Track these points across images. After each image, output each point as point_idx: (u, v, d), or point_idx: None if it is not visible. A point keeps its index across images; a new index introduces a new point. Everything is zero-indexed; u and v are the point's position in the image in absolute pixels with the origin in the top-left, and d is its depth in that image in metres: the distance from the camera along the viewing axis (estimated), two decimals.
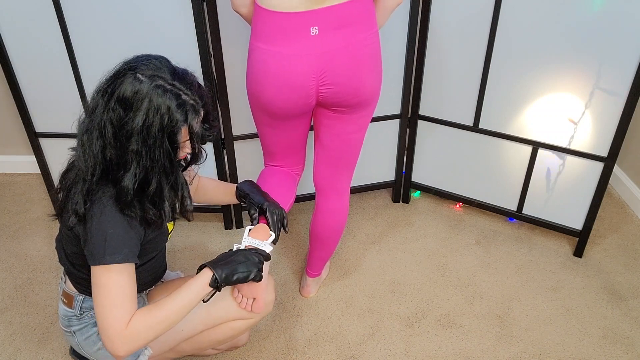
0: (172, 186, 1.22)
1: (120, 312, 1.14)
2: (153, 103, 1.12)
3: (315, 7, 1.29)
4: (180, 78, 1.18)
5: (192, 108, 1.17)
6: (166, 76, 1.16)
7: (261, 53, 1.35)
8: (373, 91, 1.45)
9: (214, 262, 1.28)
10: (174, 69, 1.20)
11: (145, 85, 1.12)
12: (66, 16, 1.76)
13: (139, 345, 1.16)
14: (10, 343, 1.73)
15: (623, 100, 1.72)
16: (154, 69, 1.16)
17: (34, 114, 2.02)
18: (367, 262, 2.04)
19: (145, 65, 1.16)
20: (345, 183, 1.66)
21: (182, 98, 1.15)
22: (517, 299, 1.89)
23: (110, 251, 1.15)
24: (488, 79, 1.90)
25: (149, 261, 1.39)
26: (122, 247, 1.17)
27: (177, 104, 1.14)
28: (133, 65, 1.16)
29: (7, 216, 2.27)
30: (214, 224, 2.23)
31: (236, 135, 1.98)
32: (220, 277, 1.24)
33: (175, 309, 1.19)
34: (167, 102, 1.13)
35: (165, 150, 1.15)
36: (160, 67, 1.17)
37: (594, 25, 1.66)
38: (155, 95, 1.12)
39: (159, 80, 1.14)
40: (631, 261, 2.03)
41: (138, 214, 1.19)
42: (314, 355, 1.70)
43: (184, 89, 1.17)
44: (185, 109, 1.16)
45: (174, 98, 1.14)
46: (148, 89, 1.12)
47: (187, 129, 1.18)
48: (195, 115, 1.18)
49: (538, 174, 2.00)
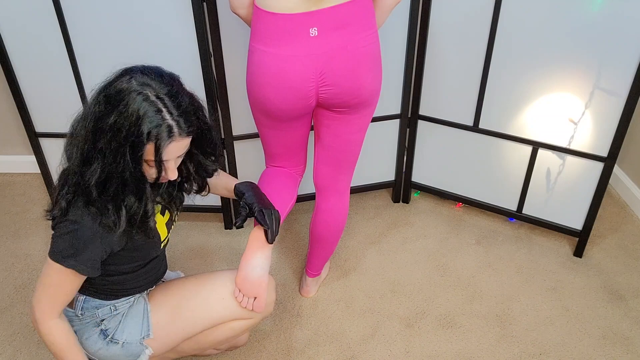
0: (136, 197, 1.18)
1: (48, 305, 1.24)
2: (128, 107, 1.09)
3: (314, 8, 1.29)
4: (174, 97, 1.13)
5: (168, 129, 1.11)
6: (159, 89, 1.12)
7: (261, 55, 1.35)
8: (373, 91, 1.45)
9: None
10: (174, 88, 1.15)
11: (131, 88, 1.10)
12: (66, 16, 1.76)
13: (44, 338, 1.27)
14: (10, 343, 1.73)
15: (623, 100, 1.72)
16: (151, 79, 1.13)
17: (34, 114, 2.02)
18: (367, 262, 2.04)
19: (146, 73, 1.14)
20: (346, 183, 1.67)
21: (160, 114, 1.10)
22: (517, 299, 1.89)
23: (64, 253, 1.19)
24: (488, 79, 1.90)
25: (145, 266, 1.40)
26: (76, 254, 1.19)
27: (150, 117, 1.09)
28: (135, 69, 1.15)
29: (7, 216, 2.27)
30: (214, 224, 2.23)
31: (236, 135, 1.98)
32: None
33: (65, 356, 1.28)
34: (142, 111, 1.09)
35: (126, 160, 1.12)
36: (160, 80, 1.14)
37: (594, 25, 1.66)
38: (134, 100, 1.09)
39: (147, 88, 1.11)
40: (631, 261, 2.03)
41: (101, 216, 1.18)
42: (314, 355, 1.70)
43: (171, 108, 1.12)
44: (158, 125, 1.10)
45: (151, 110, 1.10)
46: (131, 92, 1.10)
47: (153, 148, 1.12)
48: (169, 137, 1.12)
49: (538, 174, 2.00)
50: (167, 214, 1.38)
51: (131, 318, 1.39)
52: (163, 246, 1.40)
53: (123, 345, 1.39)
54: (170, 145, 1.13)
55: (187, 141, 1.17)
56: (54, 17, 1.76)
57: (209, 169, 1.35)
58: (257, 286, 1.39)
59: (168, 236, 1.41)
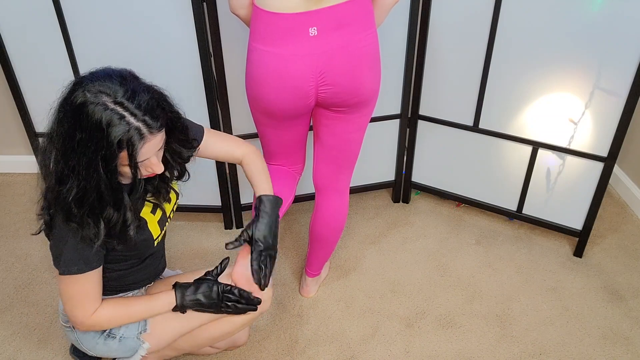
0: (114, 207, 1.18)
1: (81, 311, 1.27)
2: (90, 121, 1.07)
3: (313, 7, 1.29)
4: (132, 97, 1.10)
5: (137, 132, 1.09)
6: (114, 93, 1.09)
7: (260, 54, 1.35)
8: (372, 90, 1.45)
9: (183, 288, 1.38)
10: (129, 87, 1.11)
11: (87, 101, 1.07)
12: (66, 16, 1.76)
13: (98, 329, 1.34)
14: (10, 343, 1.73)
15: (623, 100, 1.72)
16: (102, 85, 1.10)
17: (34, 114, 2.02)
18: (367, 262, 2.04)
19: (97, 80, 1.11)
20: (345, 182, 1.67)
21: (125, 119, 1.08)
22: (517, 299, 1.89)
23: (64, 264, 1.21)
24: (488, 79, 1.90)
25: (142, 262, 1.40)
26: (77, 260, 1.21)
27: (116, 125, 1.07)
28: (85, 79, 1.12)
29: (7, 216, 2.27)
30: (214, 224, 2.23)
31: (236, 135, 1.98)
32: (180, 304, 1.36)
33: (138, 313, 1.34)
34: (104, 121, 1.06)
35: (99, 173, 1.10)
36: (112, 83, 1.10)
37: (594, 25, 1.66)
38: (93, 112, 1.07)
39: (102, 96, 1.08)
40: (631, 261, 2.03)
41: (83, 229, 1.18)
42: (314, 355, 1.70)
43: (133, 109, 1.09)
44: (126, 131, 1.08)
45: (115, 118, 1.07)
46: (88, 105, 1.07)
47: (127, 154, 1.11)
48: (140, 140, 1.10)
49: (538, 174, 2.00)
50: (158, 212, 1.37)
51: None
52: (157, 244, 1.40)
53: (120, 340, 1.39)
54: (143, 147, 1.12)
55: (160, 135, 1.16)
56: (54, 17, 1.76)
57: (184, 155, 1.33)
58: (253, 283, 1.39)
59: (161, 234, 1.41)
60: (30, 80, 1.93)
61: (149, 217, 1.34)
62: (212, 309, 1.38)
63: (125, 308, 1.33)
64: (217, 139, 1.46)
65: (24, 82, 1.94)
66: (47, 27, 1.79)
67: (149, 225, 1.34)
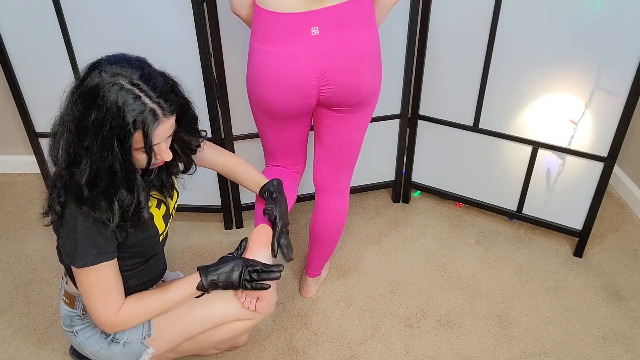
0: (128, 189, 1.17)
1: (105, 307, 1.25)
2: (106, 100, 1.08)
3: (315, 7, 1.29)
4: (147, 79, 1.12)
5: (151, 113, 1.11)
6: (131, 75, 1.11)
7: (262, 54, 1.35)
8: (373, 90, 1.45)
9: (207, 267, 1.36)
10: (145, 71, 1.14)
11: (104, 81, 1.09)
12: (66, 16, 1.76)
13: (126, 328, 1.31)
14: (10, 343, 1.73)
15: (623, 100, 1.72)
16: (120, 67, 1.12)
17: (34, 114, 2.02)
18: (367, 262, 2.04)
19: (114, 63, 1.13)
20: (346, 182, 1.67)
21: (140, 100, 1.10)
22: (517, 299, 1.89)
23: (80, 254, 1.20)
24: (488, 79, 1.90)
25: (146, 262, 1.40)
26: (91, 249, 1.20)
27: (131, 105, 1.09)
28: (102, 61, 1.14)
29: (7, 216, 2.27)
30: (214, 224, 2.23)
31: (236, 135, 1.98)
32: (207, 282, 1.34)
33: (163, 303, 1.33)
34: (120, 101, 1.08)
35: (114, 153, 1.11)
36: (129, 66, 1.13)
37: (594, 25, 1.66)
38: (109, 92, 1.08)
39: (119, 77, 1.10)
40: (631, 261, 2.03)
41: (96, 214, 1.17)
42: (314, 355, 1.70)
43: (148, 91, 1.11)
44: (141, 111, 1.09)
45: (130, 98, 1.09)
46: (105, 85, 1.09)
47: (142, 135, 1.12)
48: (154, 121, 1.12)
49: (538, 174, 2.00)
50: (162, 207, 1.38)
51: None
52: (162, 240, 1.40)
53: (124, 345, 1.39)
54: (158, 128, 1.13)
55: (172, 120, 1.17)
56: (54, 17, 1.76)
57: (192, 145, 1.35)
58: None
59: (166, 229, 1.41)
60: (30, 80, 1.93)
61: (154, 212, 1.34)
62: (236, 281, 1.35)
63: (149, 299, 1.31)
64: (209, 145, 1.51)
65: (24, 82, 1.94)
66: (47, 27, 1.79)
67: (155, 220, 1.35)
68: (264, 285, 1.36)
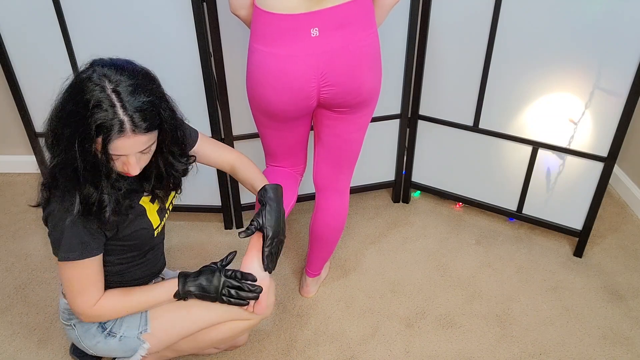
0: (92, 185, 1.15)
1: (83, 298, 1.27)
2: (83, 97, 1.08)
3: (315, 8, 1.29)
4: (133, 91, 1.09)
5: (119, 124, 1.07)
6: (119, 82, 1.09)
7: (261, 55, 1.35)
8: (373, 90, 1.45)
9: (186, 274, 1.38)
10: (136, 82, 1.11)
11: (90, 79, 1.09)
12: (66, 16, 1.76)
13: (102, 320, 1.35)
14: (10, 343, 1.73)
15: (623, 100, 1.72)
16: (113, 71, 1.10)
17: (34, 114, 2.02)
18: (367, 262, 2.04)
19: (112, 65, 1.12)
20: (346, 182, 1.67)
21: (114, 109, 1.07)
22: (517, 299, 1.89)
23: (64, 249, 1.21)
24: (488, 79, 1.90)
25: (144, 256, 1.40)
26: (76, 245, 1.21)
27: (102, 110, 1.07)
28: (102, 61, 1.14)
29: (7, 216, 2.27)
30: (213, 224, 2.23)
31: (236, 135, 1.98)
32: (183, 291, 1.36)
33: (142, 303, 1.35)
34: (94, 102, 1.07)
35: (75, 149, 1.09)
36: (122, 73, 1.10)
37: (594, 25, 1.66)
38: (89, 91, 1.08)
39: (105, 80, 1.09)
40: (631, 261, 2.03)
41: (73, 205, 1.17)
42: (314, 355, 1.70)
43: (126, 102, 1.08)
44: (109, 119, 1.07)
45: (105, 103, 1.07)
46: (90, 83, 1.08)
47: (101, 141, 1.09)
48: (119, 133, 1.08)
49: (538, 174, 2.00)
50: (157, 202, 1.37)
51: None
52: (157, 234, 1.40)
53: (120, 339, 1.40)
54: (118, 141, 1.09)
55: (143, 138, 1.13)
56: (54, 17, 1.76)
57: (177, 168, 1.32)
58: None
59: (161, 224, 1.41)
60: (30, 80, 1.93)
61: (148, 206, 1.34)
62: (213, 294, 1.36)
63: (128, 297, 1.34)
64: (210, 143, 1.48)
65: (24, 82, 1.94)
66: (47, 27, 1.79)
67: (148, 214, 1.34)
68: (242, 303, 1.37)
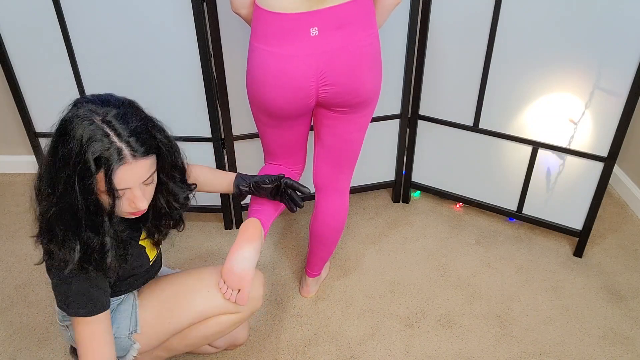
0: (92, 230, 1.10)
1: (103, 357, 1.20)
2: (74, 135, 1.02)
3: (315, 7, 1.29)
4: (122, 118, 1.05)
5: (117, 152, 1.03)
6: (106, 112, 1.05)
7: (261, 54, 1.35)
8: (373, 90, 1.45)
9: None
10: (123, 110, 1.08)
11: (77, 115, 1.05)
12: (66, 16, 1.76)
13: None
14: (10, 343, 1.73)
15: (623, 100, 1.72)
16: (97, 104, 1.07)
17: (34, 114, 2.02)
18: (367, 262, 2.04)
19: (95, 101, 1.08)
20: (346, 182, 1.67)
21: (108, 138, 1.02)
22: (517, 299, 1.89)
23: (74, 305, 1.17)
24: (488, 79, 1.90)
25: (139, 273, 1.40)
26: (84, 302, 1.17)
27: (97, 142, 1.02)
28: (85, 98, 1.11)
29: (7, 216, 2.27)
30: (213, 224, 2.23)
31: (236, 135, 1.98)
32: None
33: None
34: (86, 136, 1.01)
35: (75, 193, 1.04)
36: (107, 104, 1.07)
37: (594, 25, 1.66)
38: (78, 126, 1.03)
39: (93, 113, 1.05)
40: (631, 261, 2.03)
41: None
42: (314, 355, 1.70)
43: (120, 129, 1.04)
44: (105, 149, 1.02)
45: (98, 134, 1.02)
46: (76, 119, 1.04)
47: (103, 176, 1.03)
48: (119, 161, 1.03)
49: (538, 174, 2.00)
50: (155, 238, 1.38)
51: (120, 313, 1.39)
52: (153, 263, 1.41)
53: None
54: (121, 169, 1.04)
55: (144, 163, 1.08)
56: (54, 17, 1.76)
57: (179, 197, 1.28)
58: (241, 278, 1.38)
59: (157, 253, 1.42)
60: (30, 80, 1.93)
61: (145, 243, 1.35)
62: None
63: None
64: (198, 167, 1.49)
65: (24, 82, 1.94)
66: (47, 27, 1.79)
67: (147, 251, 1.36)
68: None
